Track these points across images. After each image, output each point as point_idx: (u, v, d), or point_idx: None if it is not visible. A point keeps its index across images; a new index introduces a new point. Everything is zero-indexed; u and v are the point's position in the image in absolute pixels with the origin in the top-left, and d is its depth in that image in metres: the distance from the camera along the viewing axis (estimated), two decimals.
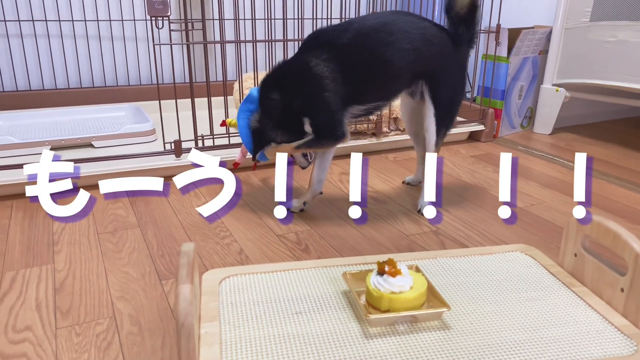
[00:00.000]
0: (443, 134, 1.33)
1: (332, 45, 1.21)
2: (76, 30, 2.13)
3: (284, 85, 1.23)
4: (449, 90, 1.30)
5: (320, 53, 1.20)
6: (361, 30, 1.22)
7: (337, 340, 0.60)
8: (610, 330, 0.62)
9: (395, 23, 1.23)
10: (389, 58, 1.21)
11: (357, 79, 1.22)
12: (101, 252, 1.14)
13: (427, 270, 0.75)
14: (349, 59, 1.20)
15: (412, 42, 1.22)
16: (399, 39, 1.21)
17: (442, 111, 1.30)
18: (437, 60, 1.28)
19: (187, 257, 0.56)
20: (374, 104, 1.28)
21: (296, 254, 1.15)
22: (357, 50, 1.21)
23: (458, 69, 1.33)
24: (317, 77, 1.19)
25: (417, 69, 1.26)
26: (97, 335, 0.87)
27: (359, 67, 1.21)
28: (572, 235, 0.74)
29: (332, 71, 1.19)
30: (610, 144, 2.03)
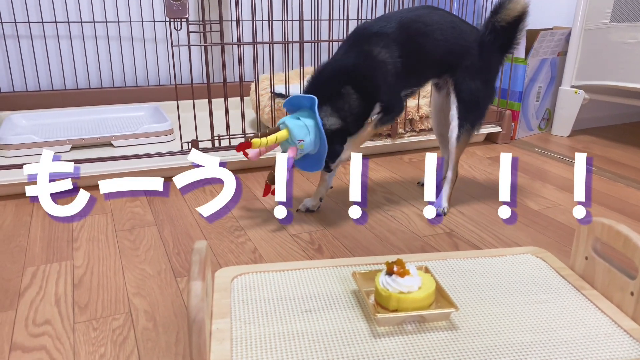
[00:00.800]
0: (467, 130, 1.34)
1: (383, 34, 1.26)
2: (97, 31, 2.17)
3: (358, 79, 1.24)
4: (473, 87, 1.31)
5: (377, 42, 1.26)
6: (401, 21, 1.28)
7: (345, 338, 0.61)
8: (619, 334, 0.62)
9: (429, 15, 1.30)
10: (426, 46, 1.29)
11: (402, 66, 1.27)
12: (118, 250, 1.17)
13: (437, 271, 0.75)
14: (397, 47, 1.26)
15: (443, 34, 1.29)
16: (433, 29, 1.28)
17: (465, 106, 1.32)
18: (464, 55, 1.31)
19: (199, 255, 0.58)
20: (410, 89, 1.36)
21: (309, 254, 1.16)
22: (402, 39, 1.27)
23: (485, 71, 1.33)
24: (383, 64, 1.25)
25: (446, 60, 1.31)
26: (113, 330, 0.89)
27: (404, 54, 1.27)
28: (583, 238, 0.73)
29: (391, 57, 1.25)
30: (630, 146, 2.00)
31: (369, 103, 1.27)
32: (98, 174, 1.48)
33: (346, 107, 1.24)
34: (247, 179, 1.59)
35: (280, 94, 1.81)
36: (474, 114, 1.34)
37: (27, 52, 2.09)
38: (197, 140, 1.56)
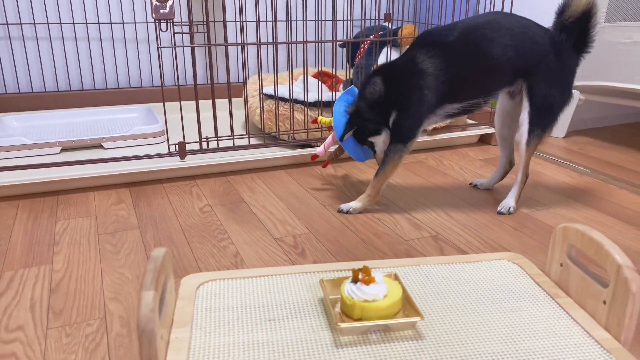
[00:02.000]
0: (537, 135, 1.32)
1: (438, 43, 1.27)
2: (91, 32, 2.17)
3: (389, 75, 1.31)
4: (547, 91, 1.29)
5: (427, 50, 1.27)
6: (466, 28, 1.28)
7: (307, 348, 0.59)
8: (589, 344, 0.60)
9: (498, 20, 1.28)
10: (489, 52, 1.26)
11: (458, 77, 1.27)
12: (99, 253, 1.16)
13: (409, 278, 0.74)
14: (452, 57, 1.26)
15: (513, 39, 1.26)
16: (501, 35, 1.26)
17: (537, 111, 1.30)
18: (538, 59, 1.28)
19: (154, 263, 0.56)
20: (471, 101, 1.33)
21: (292, 258, 1.15)
22: (461, 47, 1.27)
23: (560, 73, 1.30)
24: (420, 73, 1.26)
25: (517, 65, 1.28)
26: (86, 336, 0.88)
27: (461, 64, 1.27)
28: (558, 244, 0.72)
29: (436, 68, 1.26)
30: (626, 148, 1.98)
31: (388, 102, 1.30)
32: (86, 176, 1.48)
33: (367, 93, 1.32)
34: (235, 181, 1.58)
35: (271, 95, 1.80)
36: (546, 119, 1.32)
37: (19, 54, 2.09)
38: (185, 142, 1.54)
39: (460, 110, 1.34)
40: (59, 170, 1.47)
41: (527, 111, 1.31)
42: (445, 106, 1.32)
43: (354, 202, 1.38)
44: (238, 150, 1.63)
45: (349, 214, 1.37)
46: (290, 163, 1.73)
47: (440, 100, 1.29)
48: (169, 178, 1.59)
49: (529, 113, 1.30)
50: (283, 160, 1.71)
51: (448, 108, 1.32)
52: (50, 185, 1.47)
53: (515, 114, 1.40)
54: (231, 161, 1.60)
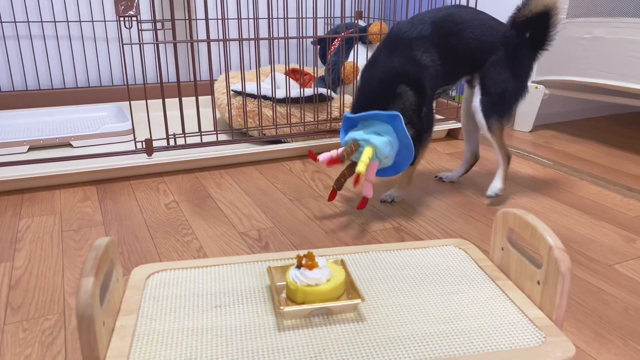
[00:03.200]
0: (495, 120, 1.36)
1: (422, 38, 1.30)
2: (59, 31, 2.15)
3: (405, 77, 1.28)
4: (498, 79, 1.34)
5: (419, 47, 1.30)
6: (434, 22, 1.32)
7: (249, 332, 0.61)
8: (523, 323, 0.63)
9: (459, 14, 1.34)
10: (458, 45, 1.32)
11: (443, 66, 1.32)
12: (62, 250, 1.16)
13: (357, 263, 0.76)
14: (434, 48, 1.31)
15: (473, 32, 1.32)
16: (464, 28, 1.32)
17: (489, 98, 1.35)
18: (492, 50, 1.33)
19: (96, 252, 0.57)
20: (443, 87, 1.39)
21: (255, 251, 1.16)
22: (437, 40, 1.31)
23: (512, 65, 1.34)
24: (426, 68, 1.30)
25: (476, 56, 1.34)
26: (43, 330, 0.88)
27: (440, 55, 1.31)
28: (499, 229, 0.74)
29: (431, 61, 1.30)
30: (589, 141, 2.02)
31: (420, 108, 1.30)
32: (52, 174, 1.47)
33: (407, 105, 1.27)
34: (203, 177, 1.59)
35: (239, 92, 1.81)
36: (499, 106, 1.36)
37: None
38: (151, 139, 1.55)
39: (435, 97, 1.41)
40: (24, 169, 1.47)
41: (479, 98, 1.36)
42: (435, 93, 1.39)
43: (394, 191, 1.43)
44: (206, 146, 1.64)
45: (394, 202, 1.42)
46: (260, 159, 1.74)
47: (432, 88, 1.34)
48: (136, 175, 1.59)
49: (480, 100, 1.35)
50: (252, 157, 1.72)
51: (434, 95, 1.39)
52: (15, 184, 1.47)
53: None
54: (198, 157, 1.61)
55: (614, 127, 2.24)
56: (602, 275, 1.06)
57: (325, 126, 1.82)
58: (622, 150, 1.91)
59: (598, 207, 1.40)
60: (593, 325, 0.90)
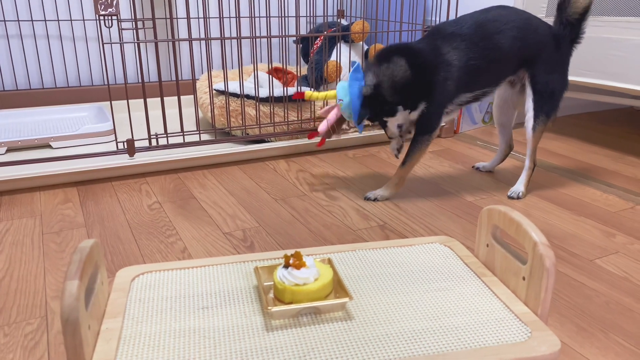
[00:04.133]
0: (542, 120, 1.39)
1: (459, 35, 1.33)
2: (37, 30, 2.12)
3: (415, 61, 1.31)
4: (549, 79, 1.37)
5: (451, 41, 1.32)
6: (478, 21, 1.35)
7: (237, 333, 0.60)
8: (509, 318, 0.63)
9: (504, 14, 1.36)
10: (500, 45, 1.34)
11: (473, 67, 1.34)
12: (43, 253, 1.14)
13: (344, 262, 0.76)
14: (469, 48, 1.33)
15: (519, 31, 1.34)
16: (509, 27, 1.34)
17: (540, 98, 1.38)
18: (539, 49, 1.36)
19: (80, 254, 0.56)
20: (482, 90, 1.40)
21: (240, 251, 1.15)
22: (476, 40, 1.33)
23: (559, 62, 1.39)
24: (447, 64, 1.31)
25: (522, 55, 1.37)
26: (25, 335, 0.87)
27: (476, 56, 1.33)
28: (484, 226, 0.75)
29: (458, 59, 1.32)
30: (568, 137, 2.06)
31: (416, 90, 1.32)
32: (31, 175, 1.45)
33: (387, 72, 1.30)
34: (186, 178, 1.58)
35: (222, 91, 1.79)
36: (549, 105, 1.39)
37: None
38: (133, 139, 1.53)
39: (472, 99, 1.42)
40: (2, 170, 1.44)
41: (531, 98, 1.38)
42: (461, 95, 1.38)
43: (380, 190, 1.44)
44: (189, 146, 1.63)
45: (377, 201, 1.42)
46: (243, 159, 1.74)
47: (457, 90, 1.36)
48: (117, 176, 1.57)
49: (533, 100, 1.39)
50: (235, 156, 1.71)
51: (462, 97, 1.39)
52: None
53: (513, 102, 1.52)
54: (181, 158, 1.60)
55: (593, 124, 2.28)
56: (583, 270, 1.08)
57: (309, 125, 1.81)
58: (601, 147, 1.94)
59: (578, 203, 1.42)
60: (575, 319, 0.92)
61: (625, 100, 1.98)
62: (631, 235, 1.24)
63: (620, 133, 2.14)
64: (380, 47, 2.01)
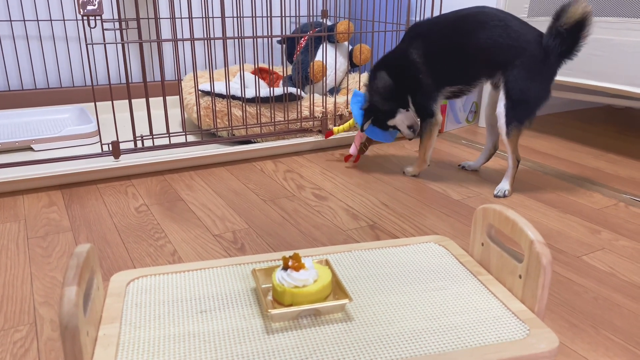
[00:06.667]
0: (515, 126, 1.40)
1: (422, 35, 1.45)
2: (15, 30, 2.07)
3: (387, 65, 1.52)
4: (523, 87, 1.35)
5: (416, 43, 1.45)
6: (448, 20, 1.42)
7: (237, 337, 0.60)
8: (507, 316, 0.64)
9: (476, 15, 1.39)
10: (469, 45, 1.39)
11: (445, 64, 1.43)
12: (29, 258, 1.11)
13: (341, 263, 0.76)
14: (435, 47, 1.43)
15: (491, 32, 1.36)
16: (479, 28, 1.37)
17: (512, 104, 1.37)
18: (515, 55, 1.35)
19: (77, 259, 0.55)
20: (459, 86, 1.48)
21: (231, 254, 1.15)
22: (443, 39, 1.42)
23: (539, 72, 1.35)
24: (413, 63, 1.46)
25: (494, 58, 1.38)
26: (14, 342, 0.85)
27: (442, 53, 1.43)
28: (479, 225, 0.75)
29: (421, 57, 1.44)
30: (551, 136, 2.09)
31: (400, 91, 1.51)
32: (13, 179, 1.42)
33: (375, 87, 1.53)
34: (172, 180, 1.56)
35: (207, 92, 1.78)
36: (521, 112, 1.38)
37: None
38: (118, 141, 1.51)
39: (453, 94, 1.51)
40: None
41: (503, 103, 1.38)
42: (445, 88, 1.48)
43: (409, 167, 1.62)
44: (175, 148, 1.61)
45: (404, 175, 1.61)
46: (230, 160, 1.73)
47: (439, 82, 1.47)
48: (103, 179, 1.54)
49: (504, 105, 1.38)
50: (222, 157, 1.70)
51: (446, 90, 1.49)
52: None
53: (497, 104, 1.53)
54: (168, 159, 1.58)
55: (575, 122, 2.32)
56: (571, 267, 1.10)
57: (296, 125, 1.81)
58: (583, 145, 1.98)
59: (563, 200, 1.45)
60: (566, 315, 0.93)
61: (604, 99, 2.01)
62: (615, 232, 1.26)
63: (600, 131, 2.18)
64: (365, 48, 2.02)
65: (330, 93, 2.03)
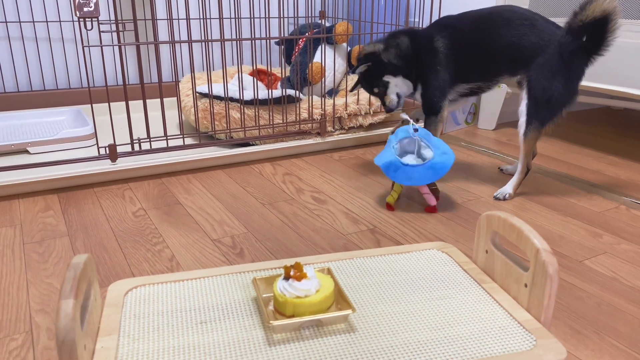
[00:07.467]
0: (535, 127, 1.37)
1: (452, 27, 1.42)
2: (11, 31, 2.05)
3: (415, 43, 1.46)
4: (546, 85, 1.33)
5: (443, 32, 1.42)
6: (475, 16, 1.41)
7: (238, 348, 0.58)
8: (513, 326, 0.63)
9: (503, 13, 1.38)
10: (492, 41, 1.37)
11: (464, 59, 1.41)
12: (25, 263, 1.10)
13: (342, 271, 0.74)
14: (461, 40, 1.40)
15: (514, 31, 1.35)
16: (502, 25, 1.36)
17: (535, 103, 1.35)
18: (538, 53, 1.33)
19: (74, 271, 0.54)
20: (476, 84, 1.46)
21: (230, 259, 1.13)
22: (468, 33, 1.40)
23: (561, 70, 1.32)
24: (435, 51, 1.42)
25: (516, 56, 1.36)
26: (10, 352, 0.83)
27: (467, 48, 1.40)
28: (483, 232, 0.74)
29: (446, 48, 1.40)
30: (551, 138, 2.08)
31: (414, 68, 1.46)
32: (9, 183, 1.40)
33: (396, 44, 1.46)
34: (170, 183, 1.54)
35: (205, 94, 1.77)
36: (544, 112, 1.35)
37: None
38: (115, 144, 1.49)
39: (468, 91, 1.48)
40: None
41: (525, 103, 1.37)
42: (459, 85, 1.46)
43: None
44: (172, 150, 1.60)
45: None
46: (228, 162, 1.71)
47: (453, 79, 1.44)
48: (100, 182, 1.53)
49: (526, 105, 1.37)
50: (220, 160, 1.68)
51: (460, 87, 1.46)
52: None
53: None
54: (165, 162, 1.57)
55: (574, 124, 2.31)
56: (573, 271, 1.09)
57: (294, 128, 1.80)
58: (582, 147, 1.97)
59: (564, 203, 1.44)
60: (569, 321, 0.92)
61: (603, 100, 2.01)
62: (617, 235, 1.25)
63: (599, 132, 2.18)
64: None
65: (328, 95, 2.01)
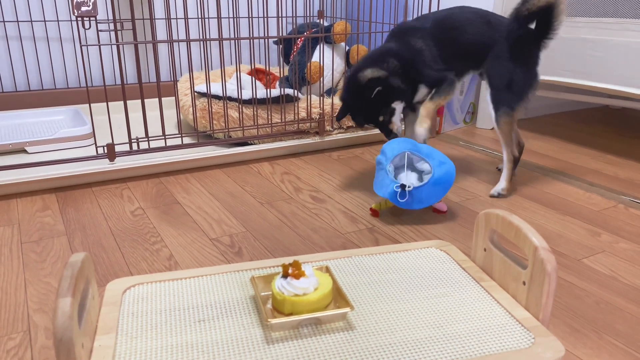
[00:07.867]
0: (504, 112, 1.42)
1: (419, 29, 1.45)
2: (9, 31, 2.05)
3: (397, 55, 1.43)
4: (503, 72, 1.40)
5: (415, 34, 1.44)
6: (436, 19, 1.45)
7: (237, 347, 0.58)
8: (511, 324, 0.63)
9: (462, 12, 1.45)
10: (458, 39, 1.43)
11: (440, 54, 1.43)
12: (23, 263, 1.10)
13: (341, 269, 0.74)
14: (432, 39, 1.43)
15: (474, 28, 1.42)
16: (464, 24, 1.43)
17: (497, 90, 1.42)
18: (493, 45, 1.41)
19: (71, 269, 0.54)
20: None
21: (228, 258, 1.13)
22: (436, 34, 1.44)
23: (516, 57, 1.39)
24: (420, 52, 1.44)
25: (480, 51, 1.43)
26: (7, 351, 0.83)
27: (439, 46, 1.43)
28: (481, 230, 0.74)
29: (426, 45, 1.43)
30: (549, 137, 2.08)
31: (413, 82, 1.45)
32: (7, 182, 1.40)
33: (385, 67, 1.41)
34: (168, 182, 1.54)
35: (203, 93, 1.77)
36: (508, 97, 1.41)
37: None
38: (113, 143, 1.49)
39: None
40: None
41: (489, 92, 1.44)
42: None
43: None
44: (171, 150, 1.60)
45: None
46: (226, 162, 1.71)
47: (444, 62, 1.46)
48: (98, 182, 1.53)
49: (490, 94, 1.44)
50: (218, 159, 1.68)
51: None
52: None
53: None
54: (163, 162, 1.56)
55: (571, 123, 2.31)
56: (572, 270, 1.09)
57: (293, 127, 1.80)
58: (580, 146, 1.97)
59: (562, 202, 1.44)
60: (567, 320, 0.92)
61: (601, 99, 2.01)
62: (615, 234, 1.25)
63: (597, 132, 2.18)
64: (362, 48, 2.01)
65: (327, 94, 2.01)
